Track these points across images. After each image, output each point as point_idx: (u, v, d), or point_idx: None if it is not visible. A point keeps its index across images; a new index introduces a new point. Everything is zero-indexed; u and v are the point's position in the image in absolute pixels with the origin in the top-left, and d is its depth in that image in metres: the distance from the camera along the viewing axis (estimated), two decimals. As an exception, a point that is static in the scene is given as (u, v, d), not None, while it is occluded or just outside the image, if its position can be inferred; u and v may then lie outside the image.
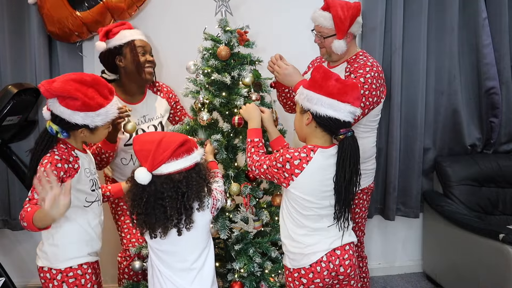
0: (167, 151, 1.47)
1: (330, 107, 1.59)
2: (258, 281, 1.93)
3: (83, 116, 1.64)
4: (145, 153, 1.48)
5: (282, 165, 1.65)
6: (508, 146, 3.12)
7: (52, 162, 1.61)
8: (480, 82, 3.02)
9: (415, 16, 2.89)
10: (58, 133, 1.67)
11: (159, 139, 1.50)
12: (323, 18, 2.09)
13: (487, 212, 2.91)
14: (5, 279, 2.37)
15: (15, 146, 2.66)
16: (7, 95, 2.33)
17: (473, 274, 2.58)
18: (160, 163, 1.47)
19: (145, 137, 1.57)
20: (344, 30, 2.05)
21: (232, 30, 2.00)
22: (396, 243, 3.23)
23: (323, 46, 2.15)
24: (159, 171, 1.48)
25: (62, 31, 2.49)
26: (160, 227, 1.52)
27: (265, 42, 2.26)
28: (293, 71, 2.06)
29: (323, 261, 1.66)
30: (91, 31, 2.55)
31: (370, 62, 2.08)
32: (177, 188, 1.50)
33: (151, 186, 1.49)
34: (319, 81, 1.62)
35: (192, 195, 1.52)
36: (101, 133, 1.77)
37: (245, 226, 1.95)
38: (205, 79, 2.00)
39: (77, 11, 2.44)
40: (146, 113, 2.30)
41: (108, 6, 2.47)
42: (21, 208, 2.79)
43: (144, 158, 1.48)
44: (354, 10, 2.05)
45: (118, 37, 2.20)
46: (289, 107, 2.37)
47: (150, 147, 1.48)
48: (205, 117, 1.93)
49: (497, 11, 2.96)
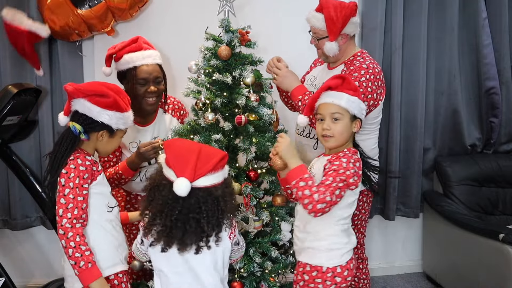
0: (208, 164, 1.40)
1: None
2: (258, 281, 1.93)
3: (110, 115, 1.66)
4: (184, 162, 1.39)
5: (355, 169, 1.63)
6: (508, 146, 3.12)
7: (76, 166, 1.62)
8: (480, 82, 3.02)
9: (415, 16, 2.89)
10: (81, 134, 1.66)
11: (198, 150, 1.43)
12: (315, 20, 2.06)
13: (487, 212, 2.91)
14: (5, 279, 2.37)
15: (15, 146, 2.65)
16: (7, 95, 2.32)
17: (473, 274, 2.58)
18: (200, 175, 1.39)
19: (181, 145, 1.49)
20: (336, 32, 2.01)
21: (233, 30, 2.00)
22: (396, 243, 3.24)
23: (319, 48, 2.13)
24: (197, 183, 1.40)
25: (62, 29, 2.48)
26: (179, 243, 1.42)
27: (266, 43, 2.25)
28: (291, 75, 2.06)
29: (353, 259, 1.70)
30: (91, 30, 2.54)
31: (366, 64, 2.03)
32: (217, 203, 1.42)
33: (190, 198, 1.40)
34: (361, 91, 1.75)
35: (228, 211, 1.46)
36: (116, 142, 1.77)
37: (245, 226, 1.95)
38: (207, 79, 2.00)
39: (78, 9, 2.44)
40: (156, 135, 2.23)
41: (110, 5, 2.46)
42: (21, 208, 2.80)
43: (182, 167, 1.39)
44: (347, 10, 2.00)
45: (121, 62, 2.13)
46: (292, 106, 2.37)
47: (190, 156, 1.40)
48: (210, 116, 1.93)
49: (497, 11, 2.96)
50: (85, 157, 1.66)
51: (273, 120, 2.06)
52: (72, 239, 1.55)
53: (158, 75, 2.16)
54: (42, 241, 2.91)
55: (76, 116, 1.67)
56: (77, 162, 1.63)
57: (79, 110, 1.66)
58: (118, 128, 1.71)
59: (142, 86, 2.11)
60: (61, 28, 2.47)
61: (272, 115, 2.04)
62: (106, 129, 1.70)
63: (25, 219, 2.76)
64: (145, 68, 2.11)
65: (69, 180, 1.59)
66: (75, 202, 1.58)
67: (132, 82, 2.10)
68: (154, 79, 2.13)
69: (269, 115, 2.02)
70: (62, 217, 1.57)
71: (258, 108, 2.00)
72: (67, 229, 1.56)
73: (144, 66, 2.10)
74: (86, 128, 1.66)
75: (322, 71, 2.25)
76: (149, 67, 2.12)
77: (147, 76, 2.11)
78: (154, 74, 2.13)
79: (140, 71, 2.10)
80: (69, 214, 1.56)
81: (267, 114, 2.01)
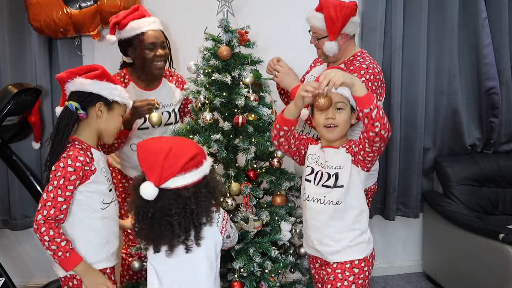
0: (176, 165, 1.37)
1: None
2: (258, 281, 1.93)
3: (102, 85, 1.67)
4: (151, 165, 1.38)
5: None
6: (508, 146, 3.12)
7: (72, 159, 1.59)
8: (480, 82, 3.02)
9: (415, 16, 2.89)
10: (78, 110, 1.66)
11: (167, 150, 1.39)
12: (315, 19, 2.05)
13: (487, 212, 2.91)
14: (5, 279, 2.37)
15: (15, 146, 2.66)
16: (7, 95, 2.33)
17: (473, 274, 2.58)
18: (168, 178, 1.37)
19: (151, 146, 1.45)
20: (336, 31, 2.00)
21: (233, 30, 2.00)
22: (396, 243, 3.23)
23: (318, 47, 2.12)
24: (165, 185, 1.38)
25: (47, 25, 2.44)
26: (166, 244, 1.43)
27: (265, 43, 2.25)
28: (293, 73, 2.06)
29: None
30: (77, 31, 2.52)
31: (366, 64, 2.02)
32: (186, 205, 1.40)
33: (157, 201, 1.39)
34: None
35: (202, 211, 1.43)
36: (116, 119, 1.75)
37: (245, 226, 1.95)
38: (206, 79, 2.00)
39: (68, 7, 2.42)
40: (160, 100, 2.25)
41: (101, 10, 2.46)
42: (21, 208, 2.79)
43: (150, 170, 1.38)
44: (347, 10, 1.99)
45: (127, 29, 2.15)
46: None
47: (157, 158, 1.37)
48: (208, 116, 1.93)
49: (497, 11, 2.96)
50: (78, 153, 1.62)
51: (273, 120, 2.06)
52: (46, 233, 1.55)
53: (164, 40, 2.23)
54: (42, 241, 2.91)
55: (71, 96, 1.68)
56: (67, 162, 1.59)
57: (73, 89, 1.67)
58: (114, 100, 1.71)
59: (151, 50, 2.16)
60: (45, 23, 2.43)
61: (272, 115, 2.04)
62: (102, 101, 1.69)
63: (25, 219, 2.76)
64: (152, 33, 2.16)
65: (55, 178, 1.58)
66: (54, 202, 1.56)
67: (140, 47, 2.14)
68: (161, 43, 2.20)
69: (269, 115, 2.02)
70: (38, 212, 1.56)
71: (258, 108, 2.00)
72: (39, 224, 1.55)
73: (151, 31, 2.15)
74: (82, 104, 1.66)
75: (322, 71, 2.24)
76: (156, 32, 2.18)
77: (155, 40, 2.16)
78: (161, 39, 2.20)
79: (148, 36, 2.14)
80: (45, 211, 1.55)
81: (267, 114, 2.01)
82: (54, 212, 1.56)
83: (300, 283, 2.15)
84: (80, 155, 1.62)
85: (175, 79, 2.37)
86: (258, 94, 2.02)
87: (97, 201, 1.69)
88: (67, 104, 1.67)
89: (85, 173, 1.63)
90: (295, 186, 2.09)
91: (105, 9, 2.46)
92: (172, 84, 2.35)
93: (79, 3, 2.44)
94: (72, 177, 1.58)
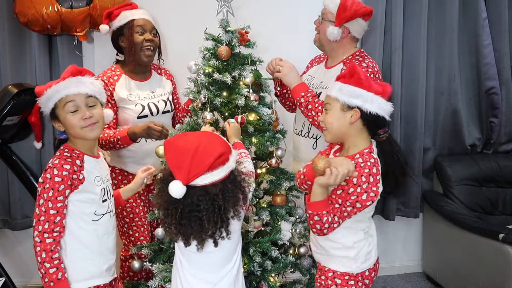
0: (203, 165, 1.37)
1: (378, 105, 1.56)
2: (258, 280, 1.93)
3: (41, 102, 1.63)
4: (179, 164, 1.37)
5: (367, 182, 1.54)
6: (508, 146, 3.12)
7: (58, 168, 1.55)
8: (480, 82, 3.02)
9: (415, 16, 2.89)
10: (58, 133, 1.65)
11: (194, 149, 1.38)
12: (331, 1, 2.09)
13: (487, 212, 2.91)
14: (5, 279, 2.37)
15: (15, 146, 2.66)
16: (7, 95, 2.33)
17: (473, 274, 2.58)
18: (195, 177, 1.37)
19: (179, 144, 1.42)
20: (343, 18, 2.04)
21: (233, 30, 2.00)
22: (396, 243, 3.23)
23: (319, 31, 2.15)
24: (193, 183, 1.38)
25: (35, 19, 2.42)
26: (196, 239, 1.44)
27: (265, 43, 2.26)
28: (296, 70, 2.07)
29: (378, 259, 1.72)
30: (64, 30, 2.52)
31: (366, 63, 2.03)
32: (214, 201, 1.41)
33: (186, 198, 1.39)
34: (364, 78, 1.56)
35: (229, 207, 1.44)
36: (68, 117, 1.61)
37: (245, 226, 1.95)
38: (206, 79, 2.00)
39: (59, 5, 2.42)
40: (153, 90, 2.35)
41: (92, 13, 2.46)
42: (21, 208, 2.79)
43: (178, 169, 1.37)
44: (362, 8, 2.05)
45: (119, 18, 2.26)
46: (289, 107, 2.37)
47: (185, 158, 1.37)
48: (209, 116, 1.94)
49: (497, 11, 2.96)
50: (65, 161, 1.57)
51: (273, 120, 2.06)
52: (39, 254, 1.52)
53: (154, 27, 2.33)
54: (42, 241, 2.91)
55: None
56: (53, 172, 1.54)
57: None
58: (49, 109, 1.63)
59: (141, 35, 2.25)
60: (33, 17, 2.41)
61: (272, 115, 2.04)
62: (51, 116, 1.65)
63: (25, 219, 2.76)
64: (142, 19, 2.28)
65: (44, 191, 1.54)
66: (46, 215, 1.52)
67: (130, 32, 2.24)
68: (151, 29, 2.30)
69: (269, 115, 2.03)
70: (34, 229, 1.54)
71: (258, 108, 2.01)
72: (36, 242, 1.53)
73: (140, 19, 2.27)
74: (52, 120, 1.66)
75: (319, 70, 2.25)
76: (145, 20, 2.29)
77: (144, 24, 2.27)
78: (150, 25, 2.30)
79: (138, 20, 2.26)
80: (40, 227, 1.52)
81: (267, 113, 2.01)
82: (48, 226, 1.52)
83: (300, 283, 2.16)
84: (66, 163, 1.57)
85: (163, 71, 2.48)
86: (258, 94, 2.03)
87: (87, 212, 1.62)
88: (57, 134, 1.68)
89: (73, 182, 1.57)
90: (295, 186, 2.09)
91: (97, 13, 2.46)
92: (161, 76, 2.45)
93: (71, 3, 2.44)
94: (61, 187, 1.54)
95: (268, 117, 2.02)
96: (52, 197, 1.53)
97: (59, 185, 1.54)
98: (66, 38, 2.64)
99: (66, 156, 1.60)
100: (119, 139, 2.12)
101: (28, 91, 2.46)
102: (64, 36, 2.63)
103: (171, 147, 1.43)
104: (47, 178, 1.55)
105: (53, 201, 1.53)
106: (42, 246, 1.52)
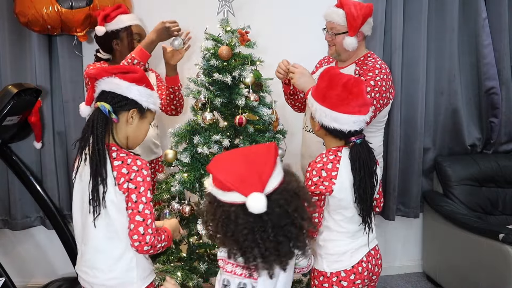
0: (269, 162, 1.14)
1: (334, 120, 1.59)
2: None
3: (140, 90, 1.52)
4: (243, 177, 1.12)
5: (318, 176, 1.61)
6: (508, 146, 3.12)
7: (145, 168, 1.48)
8: (480, 82, 3.02)
9: (415, 16, 2.89)
10: (110, 114, 1.49)
11: (241, 153, 1.20)
12: (336, 15, 2.10)
13: (487, 212, 2.91)
14: (5, 279, 2.37)
15: (15, 146, 2.66)
16: (7, 95, 2.33)
17: (473, 274, 2.58)
18: (268, 177, 1.12)
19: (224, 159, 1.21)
20: (357, 27, 2.07)
21: (233, 30, 2.00)
22: (396, 243, 3.23)
23: (333, 44, 2.16)
24: (267, 189, 1.12)
25: (35, 19, 2.42)
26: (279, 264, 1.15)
27: (266, 43, 2.26)
28: (308, 73, 2.06)
29: (363, 261, 1.66)
30: (64, 30, 2.52)
31: (379, 64, 2.09)
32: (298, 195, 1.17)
33: (272, 207, 1.12)
34: (323, 90, 1.62)
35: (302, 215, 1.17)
36: (145, 127, 1.60)
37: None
38: (206, 79, 2.00)
39: (59, 5, 2.42)
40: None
41: (92, 13, 2.46)
42: (21, 208, 2.79)
43: (243, 183, 1.11)
44: (366, 9, 2.08)
45: (116, 21, 2.33)
46: (298, 107, 2.37)
47: (240, 166, 1.14)
48: (208, 116, 1.93)
49: (497, 11, 2.96)
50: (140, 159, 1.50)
51: (273, 120, 2.06)
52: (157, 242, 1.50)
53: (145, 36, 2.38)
54: (42, 241, 2.91)
55: (103, 96, 1.51)
56: (143, 173, 1.46)
57: (106, 89, 1.51)
58: (148, 108, 1.56)
59: (138, 42, 2.33)
60: (33, 18, 2.41)
61: (272, 115, 2.04)
62: (136, 108, 1.53)
63: (25, 219, 2.76)
64: (139, 26, 2.41)
65: (140, 195, 1.46)
66: (152, 216, 1.48)
67: (129, 38, 2.34)
68: (144, 36, 2.38)
69: (269, 115, 2.02)
70: (144, 237, 1.45)
71: (258, 108, 2.00)
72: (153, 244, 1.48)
73: (135, 26, 2.38)
74: (114, 108, 1.50)
75: None
76: (141, 28, 2.42)
77: (140, 31, 2.40)
78: (144, 33, 2.42)
79: (135, 27, 2.38)
80: (150, 230, 1.46)
81: (267, 114, 2.01)
82: (154, 226, 1.49)
83: (300, 283, 2.15)
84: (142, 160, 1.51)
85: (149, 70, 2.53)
86: (259, 94, 2.02)
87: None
88: (99, 105, 1.50)
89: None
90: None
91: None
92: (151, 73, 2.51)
93: (71, 3, 2.44)
94: (150, 186, 1.49)
95: (268, 117, 2.02)
96: (149, 199, 1.48)
97: (149, 185, 1.49)
98: (66, 38, 2.64)
99: (135, 156, 1.53)
100: (134, 57, 2.08)
101: (28, 91, 2.46)
102: (64, 36, 2.63)
103: (218, 168, 1.17)
104: (139, 181, 1.47)
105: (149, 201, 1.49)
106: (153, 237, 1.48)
